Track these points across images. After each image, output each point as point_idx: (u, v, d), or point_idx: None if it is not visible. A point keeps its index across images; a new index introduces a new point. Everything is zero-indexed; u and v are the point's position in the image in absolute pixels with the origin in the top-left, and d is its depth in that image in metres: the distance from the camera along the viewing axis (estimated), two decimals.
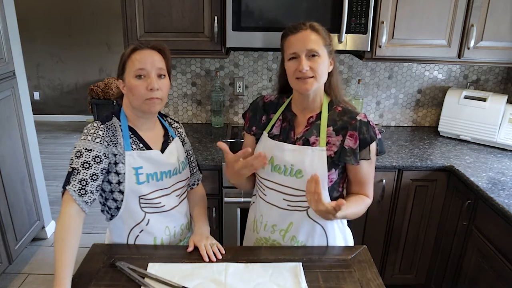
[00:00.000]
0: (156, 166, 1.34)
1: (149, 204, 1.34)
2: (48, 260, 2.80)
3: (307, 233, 1.38)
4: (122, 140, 1.30)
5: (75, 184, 1.22)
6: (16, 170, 2.62)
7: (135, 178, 1.29)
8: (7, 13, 2.49)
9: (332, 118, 1.32)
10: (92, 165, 1.23)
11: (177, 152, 1.42)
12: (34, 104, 3.78)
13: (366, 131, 1.28)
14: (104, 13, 5.43)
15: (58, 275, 1.11)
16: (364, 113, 1.32)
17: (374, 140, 1.30)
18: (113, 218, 1.36)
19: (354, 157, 1.29)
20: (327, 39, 1.30)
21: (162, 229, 1.39)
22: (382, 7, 2.08)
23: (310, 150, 1.30)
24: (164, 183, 1.36)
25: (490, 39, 2.15)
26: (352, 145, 1.28)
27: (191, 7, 2.08)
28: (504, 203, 1.67)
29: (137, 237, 1.38)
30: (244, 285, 1.18)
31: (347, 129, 1.29)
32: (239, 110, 2.66)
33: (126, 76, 1.30)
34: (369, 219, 2.20)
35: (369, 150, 1.30)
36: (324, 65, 1.29)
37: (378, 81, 2.60)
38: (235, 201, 2.06)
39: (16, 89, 2.61)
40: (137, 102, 1.29)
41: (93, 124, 1.29)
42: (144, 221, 1.35)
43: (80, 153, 1.24)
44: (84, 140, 1.25)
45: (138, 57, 1.28)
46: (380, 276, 1.25)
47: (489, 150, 2.31)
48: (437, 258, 2.24)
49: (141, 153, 1.31)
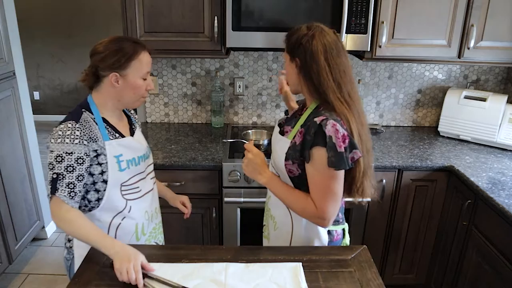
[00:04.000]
0: (133, 152, 1.39)
1: (129, 190, 1.38)
2: (48, 260, 2.80)
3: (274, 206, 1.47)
4: (99, 133, 1.31)
5: (63, 189, 1.23)
6: (16, 170, 2.62)
7: (117, 166, 1.33)
8: (7, 13, 2.49)
9: (310, 116, 1.32)
10: (75, 167, 1.24)
11: (142, 138, 1.52)
12: (34, 104, 3.78)
13: (312, 133, 1.24)
14: (104, 13, 5.43)
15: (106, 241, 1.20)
16: (327, 118, 1.23)
17: (319, 146, 1.22)
18: (92, 210, 1.35)
19: (294, 153, 1.30)
20: (288, 45, 1.33)
21: (142, 214, 1.45)
22: (382, 7, 2.08)
23: (280, 137, 1.40)
24: (140, 167, 1.42)
25: (490, 39, 2.15)
26: (297, 142, 1.30)
27: (191, 7, 2.08)
28: (504, 203, 1.67)
29: (118, 227, 1.39)
30: (244, 285, 1.18)
31: (304, 126, 1.30)
32: (239, 110, 2.66)
33: (129, 74, 1.31)
34: (369, 219, 2.20)
35: (309, 153, 1.25)
36: (287, 70, 1.36)
37: (378, 81, 2.60)
38: (235, 201, 2.06)
39: (16, 89, 2.61)
40: (131, 99, 1.36)
41: (67, 125, 1.26)
42: (126, 208, 1.39)
43: (61, 158, 1.23)
44: (62, 144, 1.23)
45: (147, 59, 1.34)
46: (380, 276, 1.24)
47: (489, 150, 2.31)
48: (437, 258, 2.24)
49: (119, 141, 1.35)
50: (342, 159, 1.21)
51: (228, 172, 2.03)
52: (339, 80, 1.26)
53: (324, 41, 1.26)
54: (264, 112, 2.66)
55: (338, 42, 1.29)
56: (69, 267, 1.44)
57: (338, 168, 1.22)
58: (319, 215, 1.29)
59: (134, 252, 1.18)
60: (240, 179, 2.05)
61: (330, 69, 1.25)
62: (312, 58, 1.25)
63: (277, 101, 2.63)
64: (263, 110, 2.65)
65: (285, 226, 1.44)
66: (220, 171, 2.06)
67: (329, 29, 1.31)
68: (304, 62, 1.27)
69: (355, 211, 2.16)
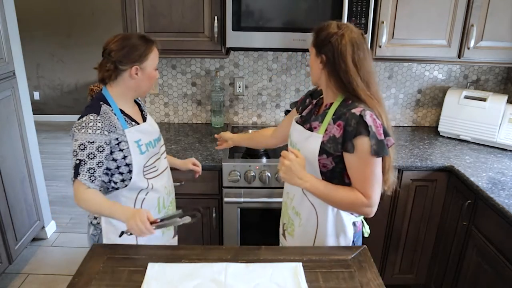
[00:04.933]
0: (149, 136, 1.54)
1: (149, 171, 1.53)
2: (48, 260, 2.80)
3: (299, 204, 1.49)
4: (119, 122, 1.44)
5: (85, 173, 1.36)
6: (16, 170, 2.62)
7: (138, 150, 1.47)
8: (7, 13, 2.49)
9: (339, 109, 1.35)
10: (96, 154, 1.38)
11: (153, 122, 1.66)
12: (34, 104, 3.78)
13: (354, 124, 1.27)
14: (104, 13, 5.43)
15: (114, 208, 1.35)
16: (363, 109, 1.28)
17: (362, 135, 1.26)
18: (118, 189, 1.50)
19: (335, 146, 1.32)
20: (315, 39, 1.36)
21: (162, 189, 1.60)
22: (382, 7, 2.08)
23: (309, 133, 1.40)
24: (156, 149, 1.57)
25: (490, 39, 2.15)
26: (336, 134, 1.32)
27: (191, 7, 2.08)
28: (504, 203, 1.67)
29: (143, 201, 1.54)
30: (244, 285, 1.18)
31: (340, 119, 1.32)
32: (239, 110, 2.66)
33: (147, 66, 1.45)
34: (369, 219, 2.19)
35: (352, 144, 1.28)
36: (311, 63, 1.40)
37: (378, 81, 2.59)
38: (235, 201, 2.06)
39: (16, 89, 2.61)
40: (147, 88, 1.51)
41: (89, 117, 1.39)
42: (149, 186, 1.54)
43: (84, 146, 1.36)
44: (85, 133, 1.37)
45: (156, 52, 1.49)
46: (380, 276, 1.25)
47: (489, 150, 2.31)
48: (437, 258, 2.24)
49: (136, 128, 1.49)
50: (384, 146, 1.27)
51: (228, 172, 2.04)
52: (367, 80, 1.32)
53: (353, 42, 1.29)
54: (264, 112, 2.66)
55: (365, 44, 1.33)
56: (96, 242, 1.54)
57: (381, 155, 1.28)
58: (368, 204, 1.32)
59: (137, 210, 1.31)
60: (240, 179, 2.05)
61: (357, 70, 1.30)
62: (340, 57, 1.29)
63: (277, 101, 2.63)
64: (263, 110, 2.65)
65: (310, 222, 1.47)
66: (220, 171, 2.06)
67: (357, 29, 1.34)
68: (332, 60, 1.31)
69: None
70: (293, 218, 1.54)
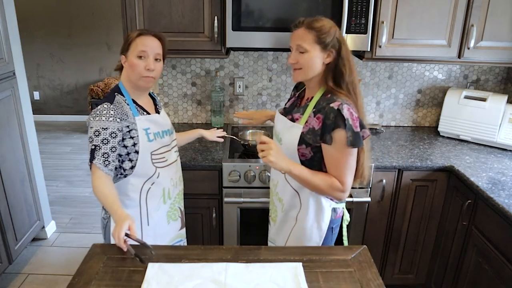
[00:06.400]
0: (159, 126, 1.62)
1: (157, 159, 1.60)
2: (48, 260, 2.80)
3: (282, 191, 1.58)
4: (130, 111, 1.54)
5: (99, 158, 1.45)
6: (16, 170, 2.62)
7: (146, 137, 1.56)
8: (7, 13, 2.49)
9: (319, 102, 1.44)
10: (109, 140, 1.47)
11: (167, 116, 1.74)
12: (34, 104, 3.79)
13: (332, 118, 1.35)
14: (104, 13, 5.43)
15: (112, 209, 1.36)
16: (341, 103, 1.36)
17: (340, 128, 1.34)
18: (127, 177, 1.56)
19: (314, 137, 1.41)
20: (320, 36, 1.38)
21: (168, 180, 1.66)
22: (382, 7, 2.08)
23: (291, 124, 1.49)
24: (165, 140, 1.64)
25: (490, 39, 2.15)
26: (316, 126, 1.40)
27: (191, 7, 2.08)
28: (504, 203, 1.67)
29: (148, 191, 1.60)
30: (244, 285, 1.18)
31: (320, 113, 1.40)
32: (239, 110, 2.65)
33: (129, 54, 1.52)
34: (369, 219, 2.20)
35: (331, 136, 1.36)
36: (313, 60, 1.40)
37: (378, 81, 2.60)
38: (235, 201, 2.06)
39: (16, 89, 2.61)
40: (134, 77, 1.53)
41: (103, 106, 1.49)
42: (155, 174, 1.60)
43: (98, 132, 1.46)
44: (99, 121, 1.47)
45: (142, 41, 1.52)
46: (380, 276, 1.25)
47: (489, 150, 2.31)
48: (437, 258, 2.24)
49: (146, 117, 1.58)
50: (359, 138, 1.36)
51: (228, 172, 2.04)
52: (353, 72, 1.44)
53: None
54: None
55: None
56: (105, 226, 1.61)
57: (357, 146, 1.37)
58: (342, 189, 1.42)
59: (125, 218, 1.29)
60: (240, 179, 2.05)
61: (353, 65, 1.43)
62: (347, 53, 1.40)
63: (277, 101, 2.63)
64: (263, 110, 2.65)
65: (293, 207, 1.57)
66: (220, 171, 2.06)
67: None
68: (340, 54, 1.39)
69: (355, 211, 2.15)
70: (276, 205, 1.64)
